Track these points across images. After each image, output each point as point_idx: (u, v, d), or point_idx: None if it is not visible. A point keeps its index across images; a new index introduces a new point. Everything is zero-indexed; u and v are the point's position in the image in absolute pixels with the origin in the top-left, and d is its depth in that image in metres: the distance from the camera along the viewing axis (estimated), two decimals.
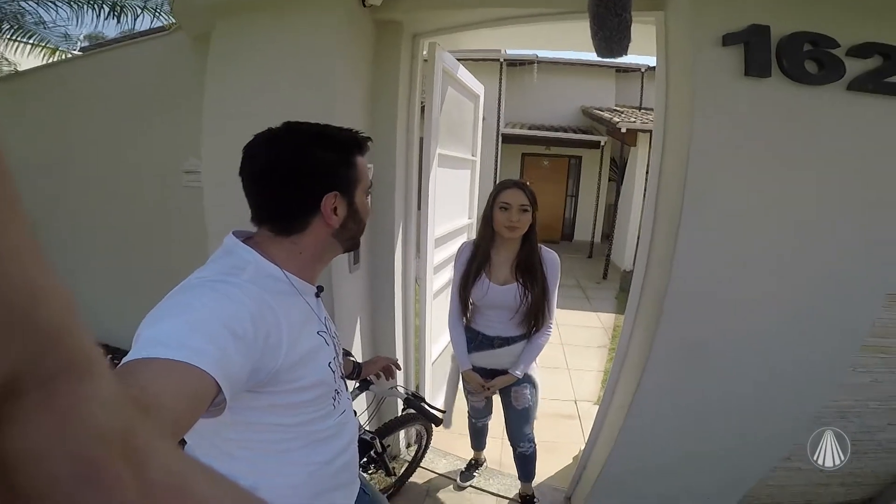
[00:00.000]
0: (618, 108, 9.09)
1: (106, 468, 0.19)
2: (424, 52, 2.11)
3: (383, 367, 1.51)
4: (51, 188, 3.24)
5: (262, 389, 0.71)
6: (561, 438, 2.64)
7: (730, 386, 1.67)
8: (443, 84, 2.26)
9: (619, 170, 7.78)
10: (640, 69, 9.27)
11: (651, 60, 1.79)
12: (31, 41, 4.21)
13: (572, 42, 2.16)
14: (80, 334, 0.20)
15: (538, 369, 1.88)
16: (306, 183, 0.80)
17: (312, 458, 0.85)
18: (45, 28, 4.28)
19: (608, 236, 8.09)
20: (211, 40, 1.87)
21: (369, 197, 0.93)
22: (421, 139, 2.21)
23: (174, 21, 2.54)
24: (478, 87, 2.94)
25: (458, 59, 2.54)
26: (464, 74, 2.60)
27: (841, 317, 1.57)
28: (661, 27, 1.65)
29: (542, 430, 1.91)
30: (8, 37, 3.99)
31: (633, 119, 7.15)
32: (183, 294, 0.67)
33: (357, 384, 1.56)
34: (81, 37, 7.76)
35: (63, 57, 4.58)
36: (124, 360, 0.53)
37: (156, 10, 3.86)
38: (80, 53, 4.60)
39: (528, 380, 1.81)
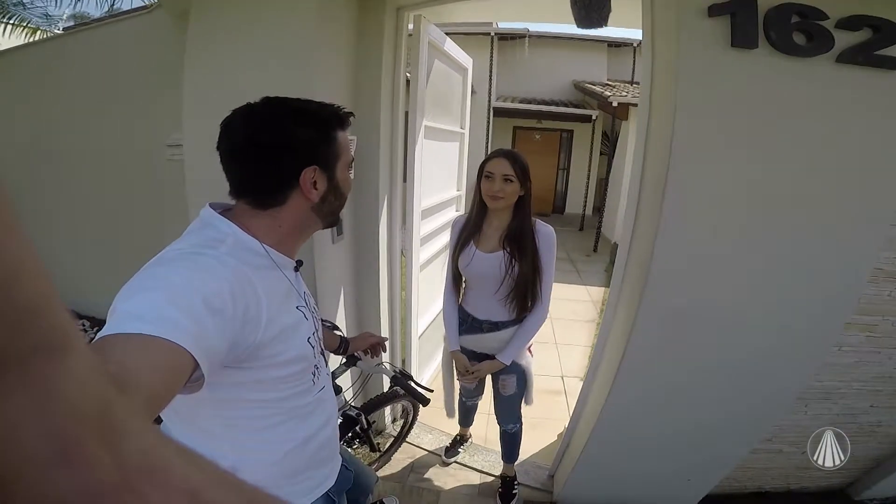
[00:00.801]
0: (609, 83, 9.00)
1: (81, 446, 0.19)
2: (410, 26, 2.05)
3: (371, 345, 1.50)
4: (36, 165, 3.21)
5: (240, 365, 0.71)
6: (547, 415, 2.68)
7: (712, 363, 1.68)
8: (429, 57, 2.21)
9: (610, 143, 7.73)
10: (632, 44, 9.17)
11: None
12: (10, 21, 4.10)
13: (561, 15, 2.11)
14: (57, 310, 0.20)
15: (532, 358, 1.85)
16: (285, 157, 0.78)
17: (292, 434, 0.86)
18: (24, 8, 4.15)
19: (599, 209, 8.10)
20: (190, 16, 1.80)
21: (352, 171, 0.91)
22: (407, 112, 2.17)
23: None
24: (466, 59, 2.87)
25: (448, 34, 2.48)
26: (451, 47, 2.54)
27: (826, 292, 1.57)
28: None
29: (528, 406, 1.95)
30: None
31: (624, 93, 7.09)
32: (160, 267, 0.65)
33: (344, 360, 1.56)
34: (65, 16, 7.49)
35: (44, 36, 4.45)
36: (100, 334, 0.52)
37: None
38: (61, 32, 4.47)
39: (514, 369, 1.78)
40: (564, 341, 3.84)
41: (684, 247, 1.55)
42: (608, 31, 9.07)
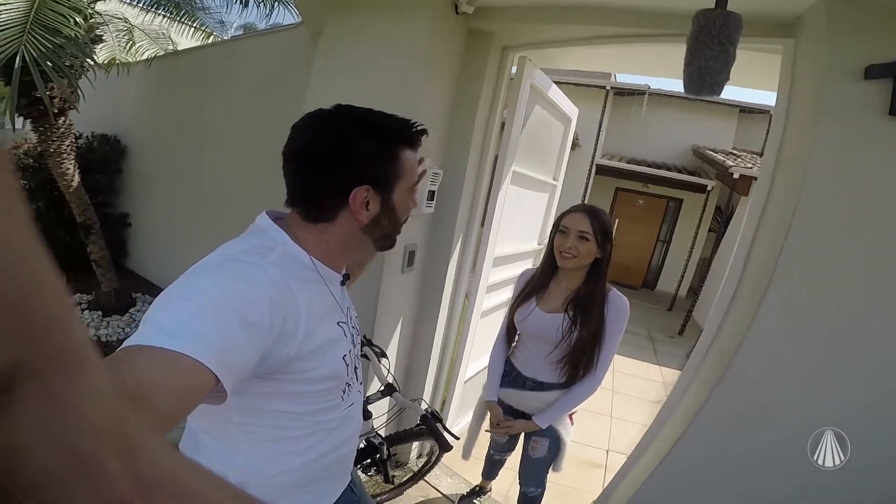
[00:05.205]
0: (734, 152, 8.26)
1: (99, 461, 0.19)
2: (514, 67, 2.06)
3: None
4: (201, 146, 3.82)
5: (270, 376, 0.69)
6: (578, 486, 2.44)
7: (782, 468, 1.43)
8: (529, 101, 2.19)
9: (722, 220, 7.07)
10: (768, 111, 8.35)
11: None
12: (193, 24, 4.75)
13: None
14: (74, 326, 0.20)
15: (571, 426, 1.70)
16: (337, 171, 0.75)
17: (313, 448, 0.82)
18: (205, 13, 4.82)
19: (695, 291, 7.37)
20: (321, 36, 1.99)
21: (416, 195, 0.87)
22: (497, 157, 2.16)
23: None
24: (571, 109, 2.81)
25: (559, 83, 2.45)
26: (556, 94, 2.50)
27: None
28: (788, 56, 1.46)
29: (561, 474, 1.76)
30: (178, 19, 4.54)
31: (749, 164, 6.40)
32: (202, 274, 0.65)
33: (381, 388, 1.56)
34: (234, 26, 8.77)
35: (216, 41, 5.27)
36: (127, 342, 0.53)
37: (282, 1, 4.24)
38: (229, 38, 5.23)
39: (550, 433, 1.63)
40: (621, 416, 3.53)
41: (779, 347, 1.35)
42: (742, 96, 8.39)
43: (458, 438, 1.58)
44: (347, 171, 0.75)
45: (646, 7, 1.65)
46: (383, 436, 1.66)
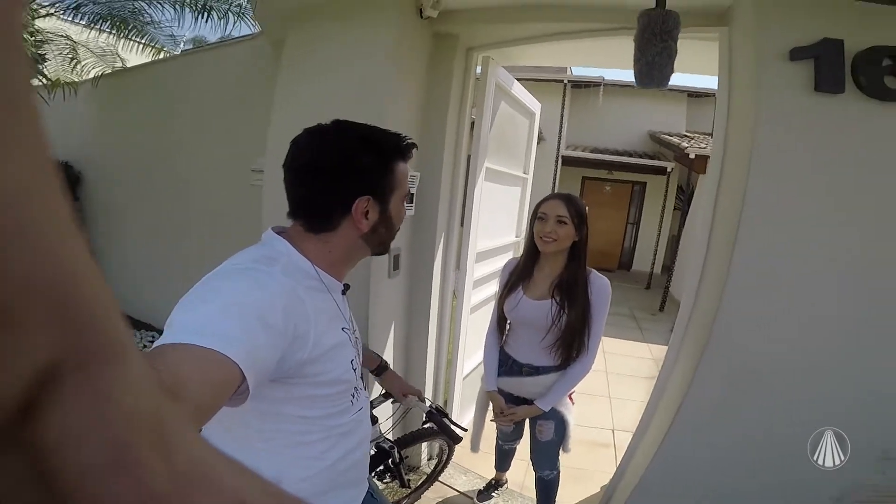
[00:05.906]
0: (688, 134, 8.67)
1: (137, 455, 0.19)
2: (478, 67, 2.13)
3: (403, 392, 1.46)
4: (155, 166, 3.65)
5: (286, 380, 0.72)
6: (592, 467, 2.50)
7: (778, 421, 1.52)
8: (495, 99, 2.26)
9: (685, 198, 7.38)
10: (713, 94, 8.75)
11: None
12: (142, 40, 4.53)
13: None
14: (114, 317, 0.20)
15: (572, 406, 1.75)
16: (340, 183, 0.80)
17: (328, 452, 0.85)
18: (155, 28, 4.61)
19: (669, 268, 7.65)
20: (284, 46, 1.99)
21: (412, 206, 0.92)
22: (469, 156, 2.21)
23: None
24: (534, 104, 2.91)
25: (520, 79, 2.54)
26: (518, 90, 2.59)
27: None
28: (724, 43, 1.58)
29: (572, 457, 1.81)
30: (125, 35, 4.32)
31: (703, 145, 6.78)
32: (217, 280, 0.68)
33: (383, 391, 1.56)
34: (185, 39, 8.42)
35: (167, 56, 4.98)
36: (156, 343, 0.54)
37: (240, 14, 4.07)
38: (180, 53, 4.99)
39: (553, 415, 1.69)
40: (619, 395, 3.63)
41: (752, 312, 1.46)
42: (689, 81, 8.84)
43: (465, 430, 1.61)
44: (351, 182, 0.80)
45: (597, 4, 1.75)
46: (392, 440, 1.67)
